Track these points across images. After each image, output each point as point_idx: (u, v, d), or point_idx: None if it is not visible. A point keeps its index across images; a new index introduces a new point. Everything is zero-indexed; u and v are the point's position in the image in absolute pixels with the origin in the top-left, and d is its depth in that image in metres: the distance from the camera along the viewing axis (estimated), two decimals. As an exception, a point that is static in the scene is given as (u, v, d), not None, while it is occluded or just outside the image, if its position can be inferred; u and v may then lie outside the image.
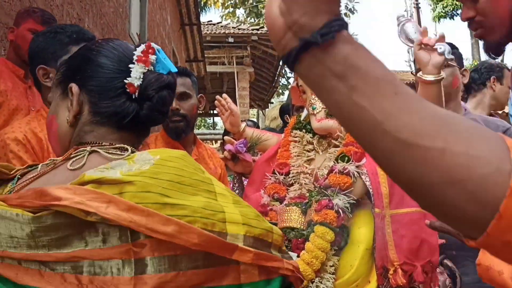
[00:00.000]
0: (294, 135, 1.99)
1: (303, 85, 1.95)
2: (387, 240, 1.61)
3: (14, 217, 0.77)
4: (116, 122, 0.96)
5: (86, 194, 0.77)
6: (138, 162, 0.86)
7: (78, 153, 0.94)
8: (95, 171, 0.83)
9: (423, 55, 1.72)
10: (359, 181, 1.68)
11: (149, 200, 0.79)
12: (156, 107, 0.96)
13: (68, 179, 0.87)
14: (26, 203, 0.78)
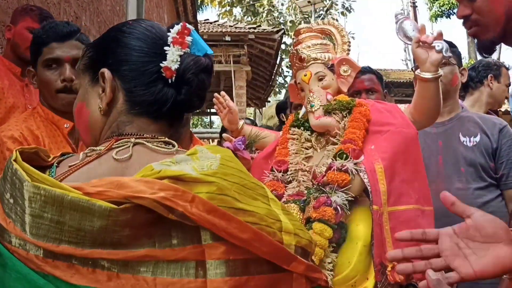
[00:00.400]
0: (292, 133, 1.99)
1: (301, 83, 1.95)
2: (385, 237, 1.61)
3: (92, 207, 0.71)
4: (154, 112, 0.90)
5: (169, 191, 0.73)
6: (203, 159, 0.81)
7: (121, 144, 0.89)
8: (162, 165, 0.78)
9: (421, 52, 1.73)
10: (357, 178, 1.68)
11: (226, 204, 0.76)
12: (195, 91, 0.91)
13: (117, 170, 0.84)
14: (106, 192, 0.73)
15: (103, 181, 0.75)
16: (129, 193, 0.72)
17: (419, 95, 1.79)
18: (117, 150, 0.87)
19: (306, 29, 2.07)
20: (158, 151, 0.88)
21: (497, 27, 1.27)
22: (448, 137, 2.28)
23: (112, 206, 0.71)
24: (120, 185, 0.73)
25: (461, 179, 2.20)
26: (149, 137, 0.90)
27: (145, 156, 0.86)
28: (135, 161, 0.85)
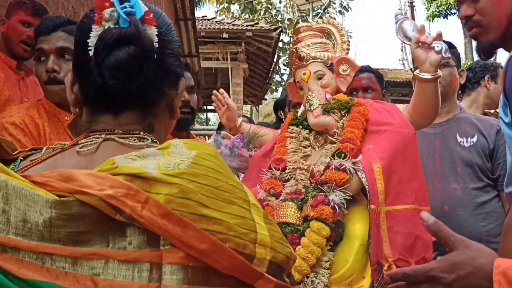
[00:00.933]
0: (290, 131, 2.00)
1: (300, 81, 1.96)
2: (382, 236, 1.62)
3: (35, 197, 0.66)
4: (104, 105, 0.84)
5: (120, 188, 0.67)
6: (174, 155, 0.74)
7: (89, 140, 0.83)
8: (126, 159, 0.72)
9: (420, 53, 1.73)
10: (355, 178, 1.69)
11: (187, 209, 0.69)
12: (113, 73, 0.78)
13: (80, 164, 0.78)
14: (51, 183, 0.67)
15: (53, 172, 0.71)
16: (74, 187, 0.67)
17: (417, 96, 1.80)
18: (83, 144, 0.83)
19: (305, 28, 2.07)
20: (128, 145, 0.82)
21: (499, 30, 1.28)
22: (445, 137, 2.29)
23: (54, 197, 0.66)
24: (68, 178, 0.68)
25: (458, 179, 2.20)
26: (121, 132, 0.84)
27: (111, 150, 0.80)
28: (100, 156, 0.80)
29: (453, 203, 2.18)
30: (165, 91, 0.87)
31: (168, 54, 0.86)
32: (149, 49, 0.81)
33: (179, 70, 0.90)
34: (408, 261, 1.60)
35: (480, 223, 2.15)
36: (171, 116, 0.91)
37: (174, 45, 0.89)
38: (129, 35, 0.79)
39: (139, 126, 0.86)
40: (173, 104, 0.90)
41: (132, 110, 0.85)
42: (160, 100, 0.87)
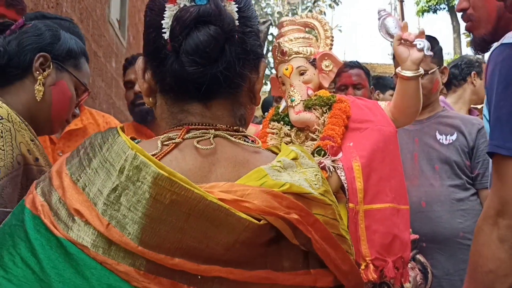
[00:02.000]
0: (272, 127, 1.97)
1: (282, 77, 1.93)
2: (360, 235, 1.61)
3: (229, 218, 0.62)
4: (188, 94, 0.75)
5: (296, 210, 0.64)
6: (306, 168, 0.72)
7: (198, 134, 0.75)
8: (273, 170, 0.69)
9: (402, 50, 1.72)
10: (335, 176, 1.67)
11: (335, 230, 0.69)
12: (192, 58, 0.70)
13: (203, 165, 0.71)
14: (244, 203, 0.63)
15: (223, 185, 0.65)
16: (267, 209, 0.62)
17: (399, 93, 1.78)
18: (197, 139, 0.73)
19: (289, 22, 2.05)
20: (243, 146, 0.76)
21: (488, 24, 1.27)
22: (424, 134, 2.29)
23: (253, 220, 0.62)
24: (247, 195, 0.64)
25: (436, 176, 2.21)
26: (224, 128, 0.77)
27: (230, 151, 0.74)
28: (221, 157, 0.73)
29: (430, 199, 2.19)
30: (247, 74, 0.78)
31: (249, 32, 0.77)
32: (230, 28, 0.72)
33: (260, 50, 0.81)
34: (386, 260, 1.59)
35: (457, 220, 2.15)
36: (252, 101, 0.83)
37: (254, 22, 0.80)
38: (209, 14, 0.70)
39: (233, 119, 0.79)
40: (254, 88, 0.82)
41: (220, 99, 0.77)
42: (243, 85, 0.78)
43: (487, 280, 1.10)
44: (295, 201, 0.65)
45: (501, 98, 1.10)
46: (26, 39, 1.24)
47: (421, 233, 2.13)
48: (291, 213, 0.63)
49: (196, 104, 0.77)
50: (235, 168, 0.72)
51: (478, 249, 1.12)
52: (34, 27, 1.28)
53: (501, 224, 1.08)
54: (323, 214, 0.68)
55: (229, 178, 0.70)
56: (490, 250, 1.09)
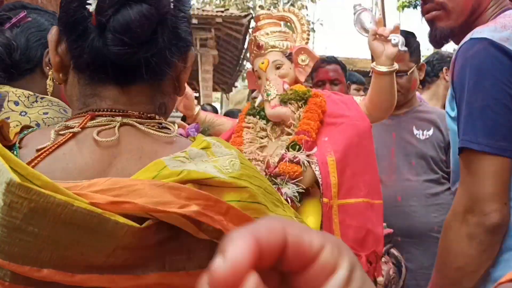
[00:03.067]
0: (247, 121, 1.96)
1: (258, 71, 1.92)
2: (334, 230, 1.61)
3: (103, 224, 0.54)
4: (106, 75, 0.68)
5: (200, 200, 0.56)
6: (219, 155, 0.65)
7: (102, 122, 0.68)
8: (175, 161, 0.61)
9: (377, 45, 1.72)
10: (309, 170, 1.67)
11: (258, 215, 0.61)
12: (120, 37, 0.63)
13: (103, 159, 0.64)
14: (123, 204, 0.54)
15: (105, 182, 0.57)
16: (153, 206, 0.54)
17: (374, 88, 1.79)
18: (100, 129, 0.66)
19: (265, 16, 2.03)
20: (153, 136, 0.69)
21: (461, 17, 1.26)
22: (401, 129, 2.30)
23: (132, 224, 0.54)
24: (133, 191, 0.56)
25: (412, 171, 2.23)
26: (136, 115, 0.70)
27: (136, 142, 0.67)
28: (124, 148, 0.66)
29: (406, 193, 2.21)
30: (174, 62, 0.73)
31: (182, 18, 0.72)
32: (166, 10, 0.66)
33: (190, 38, 0.76)
34: (359, 254, 1.59)
35: (432, 214, 2.18)
36: (176, 92, 0.78)
37: (187, 7, 0.74)
38: None
39: (151, 106, 0.73)
40: (180, 78, 0.77)
41: (141, 84, 0.71)
42: (169, 73, 0.73)
43: (455, 276, 1.10)
44: (197, 190, 0.57)
45: (472, 93, 1.10)
46: (33, 34, 1.24)
47: (396, 227, 2.15)
48: (189, 205, 0.55)
49: (111, 88, 0.70)
50: (140, 160, 0.65)
51: (447, 245, 1.13)
52: (36, 21, 1.27)
53: (470, 221, 1.08)
54: (238, 199, 0.60)
55: (132, 173, 0.63)
56: (459, 247, 1.09)
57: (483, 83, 1.08)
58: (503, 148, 1.06)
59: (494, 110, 1.07)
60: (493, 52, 1.08)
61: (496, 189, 1.06)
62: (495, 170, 1.06)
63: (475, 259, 1.08)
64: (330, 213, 1.61)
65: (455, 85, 1.16)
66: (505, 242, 1.09)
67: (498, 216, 1.06)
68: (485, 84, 1.08)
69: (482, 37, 1.11)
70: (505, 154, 1.06)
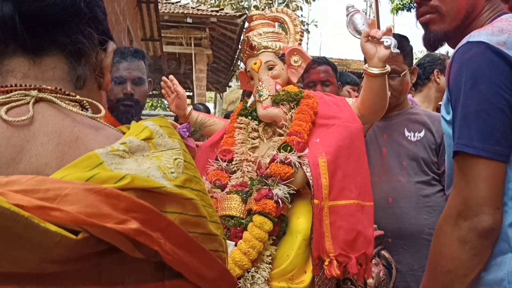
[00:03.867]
0: (239, 122, 1.96)
1: (250, 71, 1.92)
2: (324, 231, 1.61)
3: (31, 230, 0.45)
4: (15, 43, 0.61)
5: (138, 213, 0.50)
6: (162, 149, 0.59)
7: (11, 97, 0.59)
8: (113, 156, 0.53)
9: (369, 47, 1.72)
10: (300, 172, 1.66)
11: (199, 229, 0.56)
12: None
13: (13, 142, 0.55)
14: (53, 212, 0.46)
15: (27, 180, 0.48)
16: (87, 218, 0.47)
17: (366, 90, 1.79)
18: (9, 106, 0.58)
19: (258, 16, 2.03)
20: (74, 116, 0.60)
21: (454, 21, 1.25)
22: (393, 131, 2.30)
23: (67, 234, 0.46)
24: (63, 196, 0.47)
25: (403, 172, 2.22)
26: (51, 89, 0.61)
27: (54, 122, 0.58)
28: (40, 130, 0.57)
29: (397, 195, 2.20)
30: (94, 40, 0.67)
31: (100, 9, 0.70)
32: None
33: (109, 34, 0.73)
34: (349, 256, 1.59)
35: (423, 216, 2.18)
36: (99, 85, 0.71)
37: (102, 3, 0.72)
38: None
39: (69, 82, 0.64)
40: (101, 64, 0.70)
41: (55, 54, 0.63)
42: (88, 47, 0.66)
43: (446, 279, 1.10)
44: (138, 201, 0.50)
45: (468, 96, 1.09)
46: None
47: (387, 229, 2.15)
48: (128, 221, 0.48)
49: (21, 59, 0.61)
50: (58, 147, 0.56)
51: (439, 248, 1.12)
52: None
53: (462, 225, 1.07)
54: (180, 211, 0.54)
55: (48, 162, 0.55)
56: (450, 251, 1.08)
57: (479, 86, 1.07)
58: (498, 153, 1.05)
59: (489, 114, 1.06)
60: (490, 56, 1.07)
61: (490, 193, 1.05)
62: (489, 174, 1.06)
63: (466, 262, 1.07)
64: (321, 214, 1.61)
65: (451, 88, 1.15)
66: (497, 246, 1.08)
67: (491, 220, 1.05)
68: (481, 88, 1.07)
69: (479, 40, 1.10)
70: (500, 159, 1.05)
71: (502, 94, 1.06)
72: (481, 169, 1.06)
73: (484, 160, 1.06)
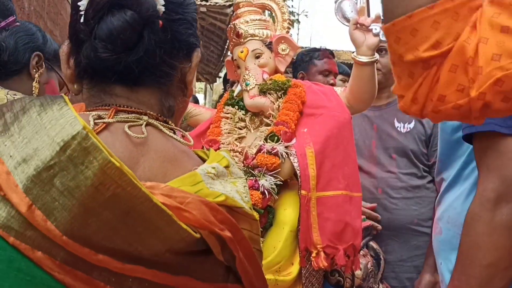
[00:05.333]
0: (226, 111, 1.92)
1: (237, 60, 1.88)
2: (311, 223, 1.58)
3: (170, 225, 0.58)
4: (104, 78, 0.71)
5: (227, 225, 0.62)
6: (236, 177, 0.71)
7: (130, 118, 0.69)
8: (208, 177, 0.65)
9: (358, 35, 1.69)
10: (287, 162, 1.63)
11: (257, 246, 0.68)
12: (105, 45, 0.66)
13: (132, 155, 0.66)
14: (185, 213, 0.59)
15: (164, 187, 0.62)
16: (205, 222, 0.60)
17: (354, 79, 1.76)
18: (128, 124, 0.68)
19: (245, 3, 1.98)
20: (173, 141, 0.71)
21: None
22: (383, 121, 2.28)
23: (192, 233, 0.59)
24: (187, 203, 0.60)
25: (392, 163, 2.21)
26: (155, 116, 0.72)
27: (161, 144, 0.69)
28: (151, 147, 0.68)
29: (386, 186, 2.19)
30: (176, 64, 0.74)
31: (178, 20, 0.73)
32: (150, 14, 0.68)
33: (193, 39, 0.77)
34: (337, 248, 1.57)
35: (412, 207, 2.17)
36: (184, 93, 0.79)
37: (187, 9, 0.76)
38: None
39: (161, 108, 0.74)
40: (185, 79, 0.78)
41: (147, 86, 0.73)
42: (173, 74, 0.74)
43: (485, 274, 0.97)
44: (228, 216, 0.62)
45: None
46: (22, 37, 1.33)
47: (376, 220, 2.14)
48: (224, 230, 0.61)
49: (120, 87, 0.72)
50: (163, 164, 0.68)
51: (476, 239, 1.00)
52: (24, 26, 1.37)
53: (504, 208, 0.96)
54: (249, 229, 0.66)
55: (156, 174, 0.66)
56: (491, 240, 0.96)
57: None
58: None
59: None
60: None
61: None
62: None
63: (510, 251, 0.95)
64: (308, 205, 1.58)
65: None
66: None
67: None
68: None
69: None
70: None
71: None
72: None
73: None
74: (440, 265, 1.25)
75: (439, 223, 1.28)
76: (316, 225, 1.58)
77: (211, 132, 1.87)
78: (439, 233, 1.27)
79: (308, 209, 1.58)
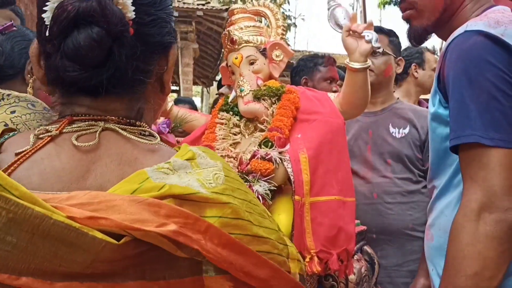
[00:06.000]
0: (221, 117, 1.93)
1: (231, 66, 1.89)
2: (305, 228, 1.59)
3: (81, 239, 0.55)
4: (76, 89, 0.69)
5: (178, 218, 0.58)
6: (204, 167, 0.66)
7: (81, 127, 0.68)
8: (158, 172, 0.62)
9: (350, 42, 1.70)
10: (281, 168, 1.64)
11: (242, 230, 0.62)
12: (70, 62, 0.63)
13: (81, 164, 0.64)
14: (100, 220, 0.55)
15: (84, 195, 0.58)
16: (130, 224, 0.56)
17: (347, 85, 1.77)
18: (79, 133, 0.67)
19: (240, 10, 2.00)
20: (134, 143, 0.69)
21: (432, 16, 1.24)
22: (378, 127, 2.30)
23: (110, 240, 0.55)
24: (112, 207, 0.57)
25: (387, 169, 2.22)
26: (115, 120, 0.70)
27: (116, 148, 0.67)
28: (104, 154, 0.66)
29: (382, 191, 2.20)
30: (151, 69, 0.72)
31: (152, 21, 0.70)
32: (119, 29, 0.64)
33: (168, 38, 0.74)
34: (331, 252, 1.58)
35: (407, 212, 2.18)
36: (161, 91, 0.77)
37: (159, 7, 0.72)
38: (90, 13, 0.62)
39: (130, 112, 0.72)
40: (162, 78, 0.76)
41: (118, 95, 0.70)
42: (147, 80, 0.72)
43: (470, 284, 1.00)
44: (177, 208, 0.58)
45: (476, 86, 1.04)
46: (18, 43, 1.33)
47: (372, 224, 2.15)
48: (167, 224, 0.56)
49: (85, 97, 0.70)
50: (119, 166, 0.65)
51: (462, 249, 1.01)
52: (21, 32, 1.36)
53: (487, 219, 0.98)
54: (220, 215, 0.60)
55: (110, 179, 0.64)
56: (475, 249, 0.99)
57: (485, 74, 1.03)
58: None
59: (501, 102, 1.02)
60: (491, 44, 1.04)
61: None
62: (510, 163, 0.99)
63: (494, 261, 0.98)
64: (302, 210, 1.59)
65: (449, 78, 1.10)
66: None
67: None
68: (488, 76, 1.03)
69: (478, 29, 1.07)
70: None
71: (509, 80, 1.02)
72: (502, 157, 1.00)
73: (503, 150, 1.00)
74: (432, 271, 1.26)
75: (430, 230, 1.29)
76: (309, 230, 1.59)
77: (206, 138, 1.88)
78: (431, 239, 1.28)
79: (302, 214, 1.59)
